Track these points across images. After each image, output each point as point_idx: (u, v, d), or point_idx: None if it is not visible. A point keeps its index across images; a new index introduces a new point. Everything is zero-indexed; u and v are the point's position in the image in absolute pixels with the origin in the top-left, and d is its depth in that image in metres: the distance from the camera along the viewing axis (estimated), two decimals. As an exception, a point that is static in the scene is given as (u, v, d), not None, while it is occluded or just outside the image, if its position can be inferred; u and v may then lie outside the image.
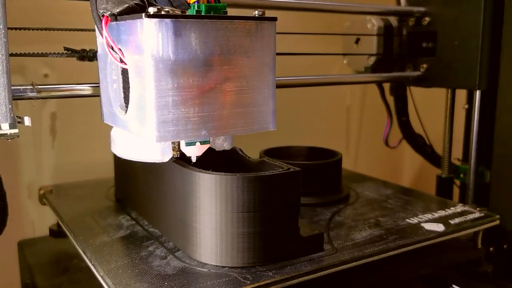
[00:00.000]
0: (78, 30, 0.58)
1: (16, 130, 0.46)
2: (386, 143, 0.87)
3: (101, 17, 0.42)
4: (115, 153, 0.49)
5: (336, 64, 0.96)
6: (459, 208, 0.65)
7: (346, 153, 1.16)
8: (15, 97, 0.48)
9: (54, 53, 0.54)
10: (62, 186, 0.75)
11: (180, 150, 0.44)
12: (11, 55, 0.46)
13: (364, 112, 1.16)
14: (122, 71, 0.44)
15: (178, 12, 0.39)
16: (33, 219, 0.82)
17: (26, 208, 0.82)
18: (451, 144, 0.80)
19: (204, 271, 0.46)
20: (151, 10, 0.37)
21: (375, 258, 0.51)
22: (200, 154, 0.44)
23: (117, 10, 0.41)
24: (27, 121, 0.46)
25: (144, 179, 0.58)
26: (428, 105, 0.91)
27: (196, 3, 0.40)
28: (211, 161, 0.48)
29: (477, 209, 0.64)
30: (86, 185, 0.76)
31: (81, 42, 0.57)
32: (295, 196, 0.48)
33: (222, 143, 0.46)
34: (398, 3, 0.82)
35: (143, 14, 0.37)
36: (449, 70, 0.73)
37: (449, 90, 0.78)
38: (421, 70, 0.77)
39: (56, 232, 0.70)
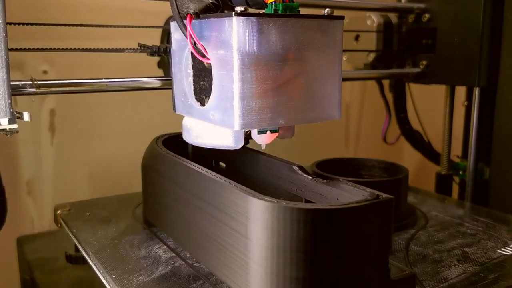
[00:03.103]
0: (76, 25, 0.58)
1: (15, 126, 0.46)
2: (384, 140, 0.87)
3: (184, 15, 0.44)
4: (187, 141, 0.51)
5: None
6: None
7: (345, 149, 1.16)
8: (14, 92, 0.48)
9: (131, 49, 0.56)
10: (81, 204, 0.66)
11: (250, 138, 0.46)
12: (11, 50, 0.46)
13: (363, 108, 1.16)
14: (193, 65, 0.48)
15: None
16: (32, 216, 0.82)
17: (25, 204, 0.82)
18: (450, 141, 0.80)
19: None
20: (238, 9, 0.40)
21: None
22: (269, 142, 0.46)
23: (199, 9, 0.45)
24: (26, 116, 0.46)
25: (183, 200, 0.49)
26: (427, 102, 0.91)
27: (273, 2, 0.43)
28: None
29: None
30: (109, 203, 0.67)
31: (81, 40, 0.57)
32: (387, 230, 0.39)
33: (284, 133, 0.48)
34: (398, -1, 0.82)
35: (233, 13, 0.40)
36: (449, 67, 0.73)
37: (449, 87, 0.78)
38: (421, 66, 0.77)
39: (75, 258, 0.61)
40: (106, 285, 0.46)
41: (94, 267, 0.50)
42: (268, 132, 0.45)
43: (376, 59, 0.80)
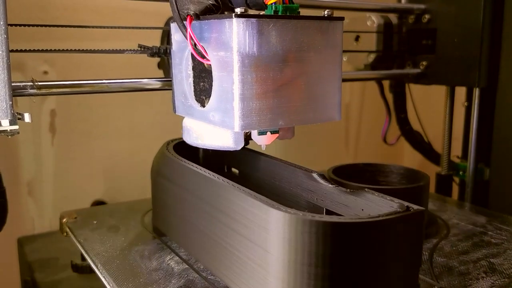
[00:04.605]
0: (77, 26, 0.58)
1: (16, 127, 0.46)
2: (385, 140, 0.87)
3: (185, 17, 0.44)
4: (187, 141, 0.52)
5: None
6: None
7: (345, 150, 1.16)
8: (15, 93, 0.48)
9: (131, 50, 0.57)
10: (88, 212, 0.64)
11: (250, 139, 0.47)
12: (11, 51, 0.46)
13: (364, 109, 1.16)
14: (193, 66, 0.48)
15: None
16: (33, 216, 0.82)
17: (26, 205, 0.82)
18: (450, 142, 0.80)
19: None
20: (238, 10, 0.40)
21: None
22: (269, 143, 0.46)
23: (199, 10, 0.45)
24: (27, 117, 0.46)
25: (195, 208, 0.47)
26: (427, 103, 0.91)
27: (273, 4, 0.43)
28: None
29: None
30: (116, 210, 0.65)
31: (81, 40, 0.57)
32: (417, 245, 0.37)
33: (284, 134, 0.48)
34: (398, 0, 0.82)
35: (233, 14, 0.40)
36: (449, 67, 0.73)
37: (449, 88, 0.78)
38: (421, 67, 0.77)
39: (81, 268, 0.59)
40: None
41: (103, 279, 0.48)
42: (268, 133, 0.45)
43: (376, 60, 0.80)
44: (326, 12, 0.45)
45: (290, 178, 0.50)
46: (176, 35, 0.50)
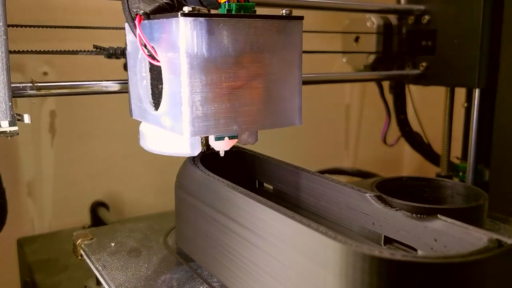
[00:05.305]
0: (77, 27, 0.58)
1: (15, 128, 0.46)
2: (384, 141, 0.87)
3: (134, 16, 0.43)
4: (144, 147, 0.50)
5: (336, 62, 0.96)
6: None
7: (345, 151, 1.16)
8: (15, 94, 0.48)
9: (84, 51, 0.55)
10: (104, 231, 0.57)
11: (208, 145, 0.45)
12: (11, 52, 0.46)
13: (363, 110, 1.16)
14: (150, 68, 0.46)
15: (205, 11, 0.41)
16: (33, 217, 0.82)
17: (25, 205, 0.82)
18: (450, 143, 0.80)
19: None
20: (186, 9, 0.38)
21: None
22: (227, 148, 0.45)
23: (150, 9, 0.43)
24: (26, 118, 0.46)
25: (227, 231, 0.41)
26: (427, 104, 0.91)
27: (227, 2, 0.41)
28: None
29: None
30: (135, 229, 0.58)
31: (81, 40, 0.57)
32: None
33: (247, 139, 0.47)
34: (398, 1, 0.82)
35: (179, 13, 0.38)
36: (449, 68, 0.73)
37: (448, 89, 0.78)
38: (421, 68, 0.77)
39: None
40: None
41: None
42: (226, 138, 0.43)
43: (376, 61, 0.80)
44: (284, 11, 0.43)
45: (337, 197, 0.44)
46: (129, 36, 0.48)
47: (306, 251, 0.32)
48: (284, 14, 0.43)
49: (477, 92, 0.72)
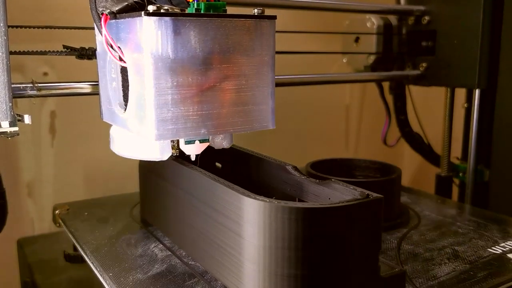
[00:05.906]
0: (77, 28, 0.58)
1: (16, 128, 0.46)
2: (385, 142, 0.87)
3: (100, 15, 0.42)
4: (114, 151, 0.49)
5: (336, 63, 0.96)
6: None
7: (345, 151, 1.16)
8: (15, 95, 0.48)
9: (53, 51, 0.54)
10: (80, 204, 0.67)
11: (180, 149, 0.44)
12: (11, 53, 0.46)
13: (363, 110, 1.16)
14: (121, 69, 0.44)
15: (177, 10, 0.40)
16: (33, 217, 0.82)
17: (25, 206, 0.82)
18: (450, 143, 0.80)
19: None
20: (150, 8, 0.37)
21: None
22: (199, 152, 0.44)
23: (117, 8, 0.41)
24: (27, 119, 0.46)
25: (177, 199, 0.50)
26: (427, 104, 0.91)
27: (195, 1, 0.40)
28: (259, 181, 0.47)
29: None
30: (107, 203, 0.67)
31: (81, 40, 0.57)
32: (377, 229, 0.39)
33: (221, 142, 0.46)
34: (398, 2, 0.82)
35: (143, 12, 0.37)
36: (449, 69, 0.73)
37: (448, 89, 0.78)
38: (421, 69, 0.77)
39: (73, 257, 0.61)
40: (103, 283, 0.47)
41: (91, 265, 0.50)
42: (197, 142, 0.42)
43: (376, 61, 0.80)
44: (256, 11, 0.42)
45: (266, 170, 0.51)
46: (98, 36, 0.47)
47: (231, 208, 0.40)
48: (256, 14, 0.42)
49: (477, 93, 0.72)
